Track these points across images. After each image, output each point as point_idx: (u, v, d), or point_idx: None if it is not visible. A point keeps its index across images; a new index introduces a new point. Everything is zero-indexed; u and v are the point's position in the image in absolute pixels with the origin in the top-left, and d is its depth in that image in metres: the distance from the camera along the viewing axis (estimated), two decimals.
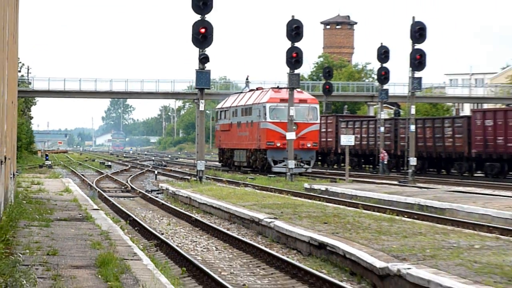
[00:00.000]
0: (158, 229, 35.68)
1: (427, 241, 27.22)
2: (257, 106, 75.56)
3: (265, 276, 24.74)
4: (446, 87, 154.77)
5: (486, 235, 29.60)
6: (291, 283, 23.46)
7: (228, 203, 43.27)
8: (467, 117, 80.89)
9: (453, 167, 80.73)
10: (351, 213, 37.88)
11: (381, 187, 59.29)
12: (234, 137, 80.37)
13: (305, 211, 37.86)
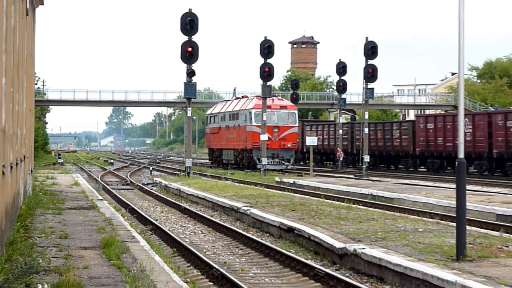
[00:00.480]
0: (153, 216, 35.65)
1: (379, 225, 27.31)
2: (243, 112, 75.42)
3: (242, 255, 24.79)
4: (394, 96, 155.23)
5: (428, 220, 29.65)
6: (264, 261, 23.49)
7: (212, 194, 43.30)
8: (412, 121, 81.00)
9: (400, 163, 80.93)
10: (314, 202, 37.93)
11: (340, 180, 59.37)
12: (222, 139, 80.00)
13: (276, 201, 37.92)
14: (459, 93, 21.53)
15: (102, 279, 15.79)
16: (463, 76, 21.91)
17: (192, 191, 47.62)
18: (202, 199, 43.36)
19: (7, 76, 16.83)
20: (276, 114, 74.17)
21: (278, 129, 73.19)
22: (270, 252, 24.29)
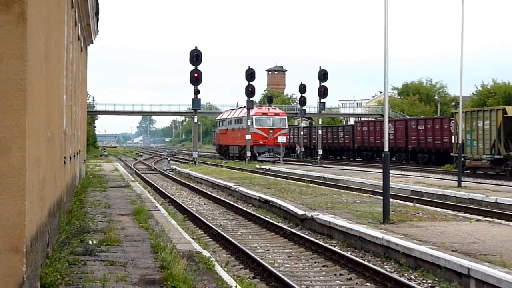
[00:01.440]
0: (170, 192, 35.52)
1: (328, 198, 27.31)
2: (245, 118, 73.27)
3: (233, 219, 24.77)
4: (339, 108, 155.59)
5: (363, 195, 29.64)
6: (248, 223, 23.57)
7: (211, 177, 43.23)
8: (352, 126, 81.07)
9: (343, 155, 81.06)
10: (283, 182, 37.90)
11: (301, 167, 59.29)
12: (229, 138, 78.46)
13: (256, 181, 37.91)
14: (385, 105, 21.58)
15: (134, 236, 15.76)
16: (387, 94, 22.06)
17: (197, 174, 47.50)
18: (205, 180, 43.26)
19: (67, 94, 16.76)
20: (271, 119, 73.39)
21: (272, 131, 72.37)
22: (252, 218, 24.41)
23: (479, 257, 13.84)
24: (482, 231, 17.94)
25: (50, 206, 11.94)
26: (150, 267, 12.04)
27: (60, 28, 13.84)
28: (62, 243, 13.30)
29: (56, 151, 13.48)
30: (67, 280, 10.52)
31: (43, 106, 9.99)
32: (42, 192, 9.99)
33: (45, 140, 10.40)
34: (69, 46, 17.31)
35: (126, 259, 12.80)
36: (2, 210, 7.65)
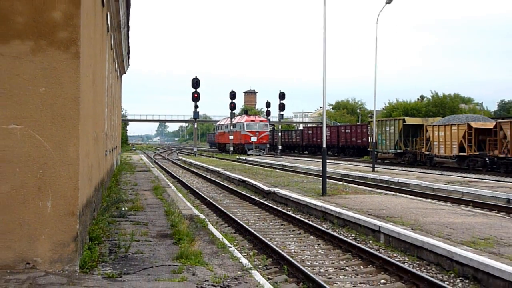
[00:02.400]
0: (177, 174, 35.37)
1: (285, 179, 27.30)
2: (239, 124, 72.53)
3: (220, 193, 24.66)
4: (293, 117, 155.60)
5: (309, 177, 29.69)
6: (231, 196, 23.43)
7: (206, 164, 43.11)
8: (301, 130, 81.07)
9: (296, 149, 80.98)
10: (255, 168, 37.85)
11: (267, 158, 59.28)
12: (226, 138, 75.58)
13: (236, 168, 37.82)
14: (323, 116, 21.59)
15: (153, 204, 15.72)
16: (325, 108, 22.07)
17: (196, 162, 47.25)
18: (201, 166, 43.03)
19: (108, 108, 16.67)
20: (257, 125, 71.74)
21: (258, 133, 70.76)
22: (233, 192, 24.27)
23: (386, 219, 14.00)
24: (388, 201, 18.10)
25: (96, 184, 11.92)
26: (164, 226, 12.06)
27: (103, 63, 13.79)
28: (104, 209, 13.28)
29: (100, 147, 13.44)
30: (107, 235, 10.53)
31: (91, 116, 9.97)
32: (90, 174, 9.98)
33: (92, 139, 10.37)
34: (109, 75, 17.23)
35: (148, 220, 12.82)
36: (63, 187, 7.65)
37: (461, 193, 22.49)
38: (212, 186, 28.58)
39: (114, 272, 7.75)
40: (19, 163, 7.59)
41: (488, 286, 9.15)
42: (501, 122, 34.90)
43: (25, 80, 7.60)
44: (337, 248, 12.44)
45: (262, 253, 11.94)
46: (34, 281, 7.12)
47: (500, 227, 13.13)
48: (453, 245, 10.67)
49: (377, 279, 9.95)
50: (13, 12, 7.58)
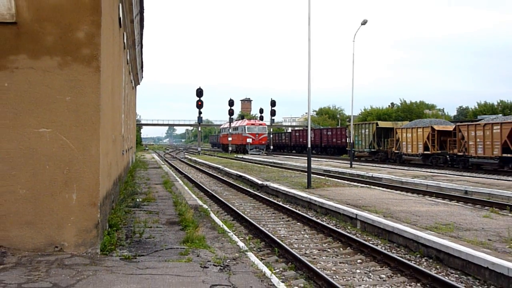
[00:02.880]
0: (184, 170, 35.34)
1: (276, 174, 27.31)
2: (241, 127, 71.00)
3: (221, 186, 24.62)
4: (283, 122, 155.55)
5: (296, 172, 29.69)
6: (230, 189, 23.38)
7: (208, 161, 43.07)
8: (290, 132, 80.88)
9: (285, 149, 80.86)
10: (250, 165, 37.83)
11: (260, 156, 59.31)
12: (228, 139, 73.83)
13: (234, 165, 37.79)
14: (308, 120, 21.67)
15: (163, 196, 15.69)
16: (310, 114, 22.14)
17: (200, 160, 47.21)
18: (205, 164, 42.96)
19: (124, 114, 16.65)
20: (257, 128, 69.87)
21: (258, 135, 68.99)
22: (232, 185, 24.19)
23: (362, 208, 14.02)
24: (364, 193, 18.15)
25: (114, 179, 11.91)
26: (173, 214, 12.04)
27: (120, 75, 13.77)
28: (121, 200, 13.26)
29: (118, 147, 13.42)
30: (124, 222, 10.52)
31: (110, 121, 9.96)
32: (109, 170, 9.97)
33: (111, 141, 10.36)
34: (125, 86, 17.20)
35: (159, 209, 12.79)
36: (86, 181, 7.65)
37: (425, 186, 22.57)
38: (213, 180, 28.53)
39: (130, 254, 7.76)
40: (49, 161, 7.59)
41: (449, 264, 9.21)
42: (460, 125, 35.10)
43: (53, 90, 7.60)
44: (320, 233, 12.47)
45: (256, 237, 11.96)
46: (62, 262, 7.12)
47: (459, 214, 13.20)
48: (419, 230, 10.73)
49: (354, 259, 9.98)
50: (44, 32, 7.59)
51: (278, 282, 6.77)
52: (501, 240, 9.86)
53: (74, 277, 6.52)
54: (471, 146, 32.98)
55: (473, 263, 8.56)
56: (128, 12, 15.51)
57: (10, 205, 7.53)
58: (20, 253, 7.43)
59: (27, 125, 7.56)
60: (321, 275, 8.31)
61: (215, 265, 7.40)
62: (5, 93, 7.54)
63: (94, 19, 7.65)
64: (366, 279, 8.70)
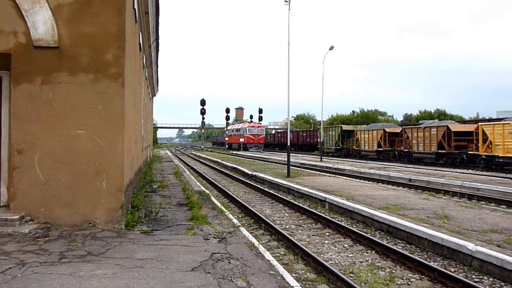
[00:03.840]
0: (191, 164, 35.19)
1: (262, 166, 27.20)
2: (242, 129, 68.63)
3: (219, 176, 24.48)
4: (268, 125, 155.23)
5: (279, 165, 29.53)
6: (226, 178, 23.21)
7: (209, 157, 42.83)
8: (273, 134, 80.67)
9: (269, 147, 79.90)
10: (242, 159, 37.63)
11: (250, 153, 59.10)
12: (233, 139, 70.90)
13: (230, 159, 37.62)
14: (288, 124, 21.66)
15: (174, 183, 15.63)
16: (289, 119, 22.10)
17: (203, 155, 46.95)
18: (206, 158, 42.60)
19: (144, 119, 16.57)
20: (256, 129, 67.29)
21: (257, 135, 66.71)
22: (228, 175, 24.01)
23: (329, 192, 14.05)
24: (331, 181, 18.19)
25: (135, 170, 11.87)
26: (182, 198, 12.01)
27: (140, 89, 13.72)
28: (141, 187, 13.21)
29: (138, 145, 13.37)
30: (143, 204, 10.48)
31: (132, 125, 9.92)
32: (131, 164, 9.93)
33: (133, 140, 10.32)
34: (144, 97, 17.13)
35: (170, 194, 12.75)
36: (113, 172, 7.62)
37: (379, 175, 22.68)
38: (214, 171, 28.39)
39: (148, 229, 7.74)
40: (84, 156, 7.56)
41: (397, 236, 9.27)
42: (405, 128, 35.31)
43: (87, 100, 7.57)
44: (297, 212, 12.50)
45: (247, 215, 11.97)
46: (94, 235, 7.10)
47: (404, 197, 13.29)
48: (374, 209, 10.79)
49: (323, 232, 10.02)
50: (80, 55, 7.56)
51: (264, 251, 6.80)
52: (436, 217, 9.96)
53: (104, 247, 6.51)
54: (414, 144, 33.23)
55: (415, 235, 8.64)
56: (147, 39, 15.46)
57: (54, 190, 7.50)
58: (61, 228, 7.40)
59: (67, 127, 7.53)
60: (297, 244, 8.35)
61: (215, 237, 7.42)
62: (50, 102, 7.51)
63: (120, 44, 7.63)
64: (333, 247, 8.75)
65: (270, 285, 5.23)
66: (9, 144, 7.64)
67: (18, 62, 7.44)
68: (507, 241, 7.69)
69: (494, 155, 25.33)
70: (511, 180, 18.67)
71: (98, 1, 7.56)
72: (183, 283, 5.17)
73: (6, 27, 7.38)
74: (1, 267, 5.52)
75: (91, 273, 5.39)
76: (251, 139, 66.62)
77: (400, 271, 7.23)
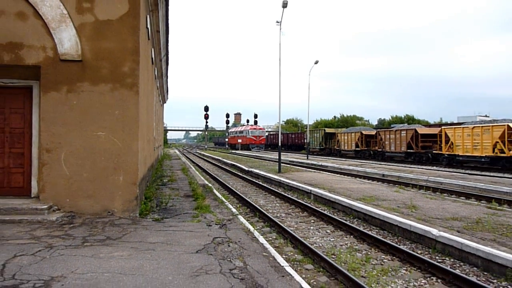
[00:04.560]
0: (195, 161, 35.04)
1: (257, 163, 27.11)
2: (245, 131, 65.65)
3: (220, 171, 24.28)
4: None
5: (271, 162, 29.45)
6: (226, 173, 23.03)
7: (212, 155, 42.73)
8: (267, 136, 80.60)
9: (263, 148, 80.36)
10: (240, 157, 37.45)
11: (246, 152, 58.95)
12: (236, 140, 68.34)
13: (230, 157, 37.41)
14: (279, 127, 21.58)
15: (181, 178, 15.58)
16: (280, 123, 22.06)
17: (207, 154, 46.76)
18: (209, 156, 42.37)
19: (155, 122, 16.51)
20: (258, 131, 64.48)
21: (259, 137, 63.88)
22: (228, 171, 23.82)
23: (314, 185, 14.03)
24: (316, 176, 18.17)
25: (148, 166, 11.82)
26: (188, 190, 11.97)
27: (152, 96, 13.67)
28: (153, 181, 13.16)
29: (150, 145, 13.31)
30: (155, 195, 10.44)
31: (145, 127, 9.89)
32: (145, 160, 9.89)
33: (146, 140, 10.28)
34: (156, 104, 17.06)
35: (178, 187, 12.71)
36: (129, 168, 7.58)
37: (356, 171, 22.71)
38: (215, 167, 28.21)
39: (159, 217, 7.72)
40: (104, 154, 7.53)
41: (372, 223, 9.28)
42: (379, 131, 35.41)
43: (107, 106, 7.54)
44: (287, 202, 12.48)
45: (244, 205, 11.94)
46: (112, 222, 7.06)
47: (379, 190, 13.30)
48: (352, 200, 10.80)
49: (309, 220, 10.02)
50: (100, 67, 7.53)
51: (258, 235, 6.79)
52: (406, 207, 9.99)
53: (121, 232, 6.49)
54: (387, 145, 33.32)
55: (388, 222, 8.65)
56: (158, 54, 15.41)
57: (78, 184, 7.46)
58: (84, 216, 7.37)
59: (89, 129, 7.50)
60: (287, 230, 8.34)
61: (216, 224, 7.40)
62: (74, 108, 7.48)
63: (135, 58, 7.60)
64: (317, 233, 8.75)
65: (264, 265, 5.22)
66: (39, 144, 7.61)
67: (47, 73, 7.41)
68: (466, 227, 7.73)
69: (455, 154, 25.47)
70: (469, 175, 18.78)
71: (116, 21, 7.54)
72: (188, 263, 5.16)
73: (36, 43, 7.35)
74: (32, 249, 5.50)
75: (110, 255, 5.37)
76: (253, 140, 64.06)
77: (374, 253, 7.25)
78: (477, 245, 6.34)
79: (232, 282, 4.61)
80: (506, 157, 21.78)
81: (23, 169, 7.77)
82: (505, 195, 13.12)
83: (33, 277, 4.58)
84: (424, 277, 6.00)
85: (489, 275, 5.95)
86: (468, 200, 12.34)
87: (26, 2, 7.31)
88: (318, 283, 5.73)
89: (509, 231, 7.41)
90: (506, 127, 21.75)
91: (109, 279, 4.59)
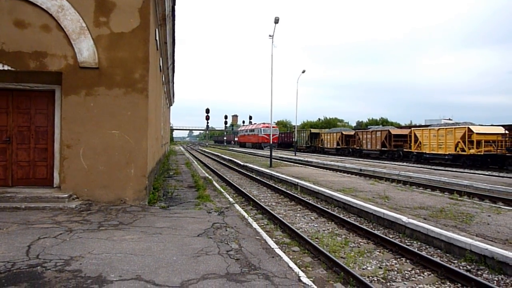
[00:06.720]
0: (197, 157, 34.86)
1: (252, 159, 27.03)
2: (257, 129, 60.30)
3: (219, 166, 24.18)
4: None
5: (263, 158, 29.40)
6: (224, 167, 22.94)
7: (212, 151, 42.57)
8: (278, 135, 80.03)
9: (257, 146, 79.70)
10: (236, 153, 37.38)
11: (243, 148, 58.73)
12: (246, 139, 63.07)
13: (227, 153, 37.29)
14: (270, 128, 21.60)
15: (185, 170, 15.53)
16: (272, 124, 21.97)
17: (207, 150, 46.50)
18: (210, 152, 42.22)
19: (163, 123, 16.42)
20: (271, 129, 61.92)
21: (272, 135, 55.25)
22: (226, 165, 23.68)
23: (301, 178, 14.03)
24: (303, 170, 18.19)
25: (156, 161, 11.76)
26: (191, 182, 11.94)
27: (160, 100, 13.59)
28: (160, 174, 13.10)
29: (159, 142, 13.25)
30: (162, 186, 10.39)
31: (154, 126, 9.84)
32: (153, 156, 9.85)
33: (154, 138, 10.24)
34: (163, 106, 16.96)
35: (182, 179, 12.67)
36: (139, 162, 7.55)
37: (337, 166, 22.78)
38: (214, 162, 28.07)
39: (165, 205, 7.71)
40: (117, 150, 7.49)
41: (350, 211, 9.32)
42: (357, 131, 35.54)
43: (120, 108, 7.50)
44: (277, 193, 12.47)
45: (239, 195, 11.92)
46: (125, 209, 7.04)
47: (356, 183, 13.36)
48: (333, 191, 10.84)
49: (296, 208, 10.04)
50: (115, 74, 7.49)
51: (252, 221, 6.81)
52: (380, 197, 10.05)
53: (132, 218, 6.47)
54: (364, 144, 33.48)
55: (364, 210, 8.69)
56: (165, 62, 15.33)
57: (95, 176, 7.42)
58: (100, 204, 7.33)
59: (105, 128, 7.46)
60: (276, 217, 8.36)
61: (215, 211, 7.41)
62: (92, 109, 7.43)
63: (145, 66, 7.57)
64: (303, 219, 8.78)
65: (256, 247, 5.25)
66: (60, 141, 7.57)
67: (68, 78, 7.36)
68: (431, 215, 7.81)
69: (422, 152, 25.68)
70: (435, 171, 18.94)
71: (129, 33, 7.50)
72: (191, 245, 5.17)
73: (58, 52, 7.30)
74: (54, 233, 5.48)
75: (122, 238, 5.37)
76: (265, 139, 58.26)
77: (352, 237, 7.30)
78: (440, 231, 6.40)
79: (228, 262, 4.64)
80: (466, 155, 22.06)
81: (46, 162, 7.74)
82: (465, 187, 13.29)
83: (54, 257, 4.59)
84: (395, 258, 6.06)
85: (451, 256, 6.03)
86: (433, 191, 12.46)
87: (50, 16, 7.25)
88: (304, 263, 5.77)
89: (468, 218, 7.49)
90: (466, 129, 22.05)
91: (121, 259, 4.61)
